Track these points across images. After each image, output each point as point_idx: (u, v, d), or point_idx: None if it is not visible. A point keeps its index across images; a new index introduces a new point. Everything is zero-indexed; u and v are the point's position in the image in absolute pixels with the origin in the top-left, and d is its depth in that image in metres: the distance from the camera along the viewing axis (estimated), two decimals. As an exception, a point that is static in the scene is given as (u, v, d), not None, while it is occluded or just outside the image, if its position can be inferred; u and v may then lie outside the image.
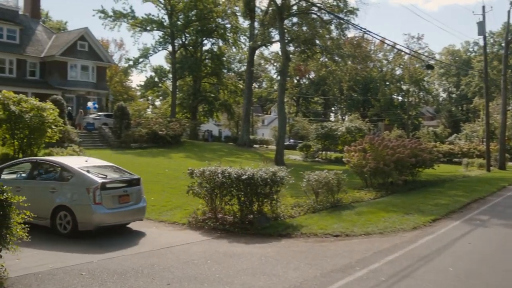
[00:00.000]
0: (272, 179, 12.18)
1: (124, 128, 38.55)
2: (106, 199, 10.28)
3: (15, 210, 7.10)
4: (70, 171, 10.65)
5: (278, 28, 37.70)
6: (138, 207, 11.08)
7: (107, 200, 10.28)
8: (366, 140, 21.61)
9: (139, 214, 11.21)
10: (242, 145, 48.86)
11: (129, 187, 11.03)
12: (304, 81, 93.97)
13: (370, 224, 12.45)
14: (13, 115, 18.64)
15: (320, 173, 15.11)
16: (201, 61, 61.19)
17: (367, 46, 71.71)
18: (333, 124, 43.65)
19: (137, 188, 11.23)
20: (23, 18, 48.72)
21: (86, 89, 47.74)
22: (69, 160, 11.94)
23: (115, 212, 10.49)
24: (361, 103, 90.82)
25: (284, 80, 38.30)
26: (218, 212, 12.43)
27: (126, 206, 10.76)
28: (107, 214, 10.29)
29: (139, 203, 11.19)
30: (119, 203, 10.60)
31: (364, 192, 18.55)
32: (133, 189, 11.07)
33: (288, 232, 11.42)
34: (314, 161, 39.70)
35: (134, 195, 11.01)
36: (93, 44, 48.68)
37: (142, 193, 11.44)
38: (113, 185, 10.73)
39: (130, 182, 11.17)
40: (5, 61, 44.15)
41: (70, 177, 10.57)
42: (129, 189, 10.99)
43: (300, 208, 14.13)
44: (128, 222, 11.38)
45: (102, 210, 10.18)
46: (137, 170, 23.51)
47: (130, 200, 10.90)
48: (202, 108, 66.60)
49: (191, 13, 57.83)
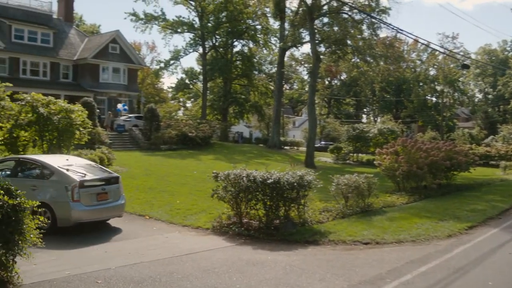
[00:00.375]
0: (299, 183, 11.74)
1: (154, 129, 38.68)
2: (84, 196, 10.68)
3: (29, 216, 6.88)
4: (50, 169, 11.09)
5: (308, 28, 37.21)
6: (116, 205, 11.48)
7: (85, 198, 10.68)
8: (398, 142, 20.90)
9: (117, 211, 11.62)
10: (272, 147, 48.50)
11: (107, 185, 11.37)
12: (335, 82, 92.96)
13: (402, 231, 11.85)
14: (42, 117, 18.71)
15: (349, 176, 14.57)
16: (231, 63, 61.12)
17: (400, 46, 70.41)
18: (364, 126, 42.78)
19: (116, 186, 11.62)
20: (57, 22, 49.53)
21: (117, 91, 48.17)
22: (50, 158, 12.22)
23: (93, 209, 10.88)
24: (394, 105, 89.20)
25: (314, 81, 37.75)
26: (243, 217, 12.06)
27: (104, 203, 11.18)
28: (85, 211, 10.68)
29: (118, 201, 11.58)
30: (97, 200, 11.01)
31: (396, 196, 17.87)
32: (111, 187, 11.45)
33: (315, 238, 10.95)
34: (345, 163, 38.96)
35: (112, 193, 11.39)
36: (124, 47, 49.09)
37: (121, 191, 11.86)
38: (91, 183, 11.09)
39: (109, 180, 11.54)
40: (39, 64, 44.92)
41: (50, 175, 11.01)
42: (108, 187, 11.35)
43: (329, 213, 13.62)
44: (108, 218, 11.79)
45: (80, 207, 10.59)
46: (165, 172, 23.54)
47: (109, 198, 11.28)
48: (232, 109, 66.54)
49: (222, 14, 57.81)
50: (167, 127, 40.58)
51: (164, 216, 12.87)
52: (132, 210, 13.43)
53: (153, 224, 12.12)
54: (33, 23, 45.69)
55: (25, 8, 46.72)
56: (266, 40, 61.74)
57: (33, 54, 44.07)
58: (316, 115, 42.38)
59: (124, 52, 48.93)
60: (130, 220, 12.46)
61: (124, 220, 12.36)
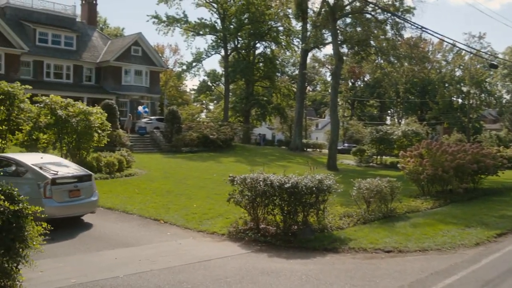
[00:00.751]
0: (318, 187, 11.28)
1: (175, 132, 38.60)
2: (57, 193, 11.02)
3: (31, 222, 6.59)
4: (24, 167, 11.46)
5: (330, 29, 36.67)
6: (88, 201, 11.86)
7: (57, 195, 11.01)
8: (422, 145, 20.21)
9: (90, 207, 12.00)
10: (294, 149, 48.03)
11: (79, 183, 11.75)
12: (359, 84, 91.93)
13: (426, 238, 11.27)
14: (60, 119, 18.65)
15: (371, 180, 14.02)
16: (253, 65, 60.87)
17: (425, 47, 69.18)
18: (388, 128, 41.93)
19: (88, 184, 12.03)
20: (80, 25, 49.96)
21: (139, 94, 48.32)
22: (25, 157, 12.52)
23: (65, 206, 11.22)
24: (419, 106, 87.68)
25: (337, 83, 37.17)
26: (260, 223, 11.66)
27: (77, 200, 11.54)
28: (57, 207, 10.98)
29: (90, 197, 11.97)
30: (69, 197, 11.38)
31: (420, 201, 17.23)
32: (83, 184, 11.83)
33: (335, 246, 10.45)
34: (368, 166, 38.27)
35: (85, 190, 11.77)
36: (147, 49, 49.23)
37: (94, 188, 12.26)
38: (64, 181, 11.44)
39: (81, 178, 11.91)
40: (63, 67, 45.33)
41: (24, 172, 11.38)
42: (80, 184, 11.73)
43: (350, 218, 13.10)
44: (81, 214, 12.10)
45: (52, 203, 10.89)
46: (184, 175, 23.30)
47: (81, 195, 11.66)
48: (255, 111, 66.25)
49: (244, 16, 57.58)
50: (189, 129, 40.47)
51: (180, 220, 12.53)
52: (147, 214, 13.14)
53: (168, 229, 11.79)
54: (56, 26, 46.15)
55: (49, 12, 47.26)
56: (289, 41, 61.31)
57: (57, 57, 44.49)
58: (338, 117, 41.79)
59: (146, 54, 49.08)
60: (144, 224, 12.16)
61: (138, 224, 12.10)
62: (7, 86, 19.84)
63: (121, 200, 14.95)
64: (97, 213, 13.09)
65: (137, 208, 13.72)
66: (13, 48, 40.28)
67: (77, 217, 12.09)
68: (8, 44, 40.02)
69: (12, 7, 44.99)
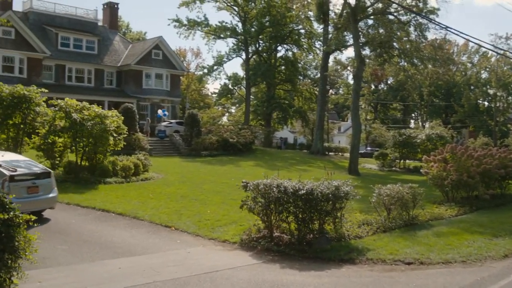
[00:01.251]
0: (334, 194, 10.72)
1: (194, 135, 38.34)
2: (15, 189, 11.10)
3: (23, 232, 6.21)
4: None
5: (352, 31, 35.98)
6: (47, 197, 12.20)
7: (15, 191, 11.00)
8: (447, 149, 19.42)
9: (48, 203, 12.36)
10: (315, 153, 47.38)
11: (37, 180, 12.12)
12: (382, 87, 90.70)
13: (450, 249, 10.58)
14: (75, 123, 18.43)
15: (392, 186, 13.37)
16: (275, 68, 60.42)
17: (450, 48, 67.74)
18: (412, 131, 40.97)
19: (47, 181, 12.39)
20: (102, 30, 50.21)
21: (160, 97, 48.28)
22: None
23: (23, 202, 10.96)
24: (443, 109, 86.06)
25: (358, 85, 36.42)
26: (274, 230, 11.15)
27: (35, 196, 11.90)
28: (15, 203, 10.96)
29: (49, 194, 12.32)
30: (28, 193, 11.71)
31: (444, 208, 16.46)
32: (42, 181, 12.20)
33: (352, 256, 9.87)
34: (391, 170, 37.39)
35: (43, 187, 12.13)
36: (167, 53, 49.19)
37: (53, 185, 12.62)
38: (22, 178, 11.80)
39: (40, 175, 12.30)
40: (84, 71, 45.55)
41: None
42: (38, 181, 12.11)
43: (369, 226, 12.46)
44: (40, 210, 12.26)
45: None
46: (201, 179, 22.89)
47: (39, 191, 12.03)
48: (276, 115, 65.74)
49: (265, 19, 57.20)
50: (208, 133, 40.20)
51: (191, 227, 12.09)
52: (159, 220, 12.73)
53: (178, 237, 11.36)
54: (78, 30, 46.47)
55: (71, 16, 47.63)
56: (310, 44, 60.73)
57: (78, 61, 44.76)
58: (360, 120, 41.03)
59: (166, 58, 49.05)
60: (154, 231, 11.75)
61: (147, 231, 11.70)
62: (23, 89, 19.74)
63: (133, 205, 14.59)
64: (107, 219, 12.80)
65: (148, 214, 13.33)
66: (35, 52, 40.62)
67: (38, 212, 12.08)
68: (31, 49, 40.36)
69: (35, 12, 45.44)
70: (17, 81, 32.88)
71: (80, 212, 13.69)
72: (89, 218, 12.91)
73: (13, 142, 20.42)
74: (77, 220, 12.54)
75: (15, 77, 37.95)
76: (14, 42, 39.35)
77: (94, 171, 20.00)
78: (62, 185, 17.86)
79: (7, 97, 19.39)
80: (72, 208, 14.26)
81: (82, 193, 16.34)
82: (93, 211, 13.82)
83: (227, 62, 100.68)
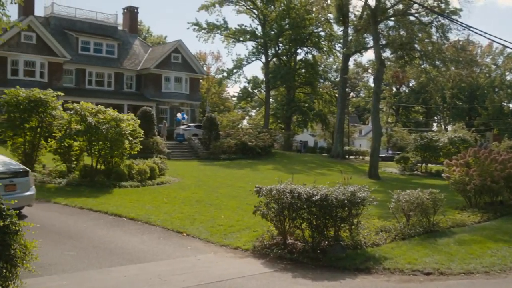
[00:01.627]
0: (350, 200, 10.33)
1: (213, 139, 38.19)
2: None
3: (20, 240, 5.98)
4: None
5: (372, 32, 35.45)
6: (24, 195, 12.38)
7: None
8: (469, 153, 18.77)
9: (26, 201, 12.51)
10: (335, 156, 46.88)
11: (15, 178, 12.38)
12: (403, 90, 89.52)
13: (472, 258, 10.08)
14: (90, 126, 18.35)
15: (411, 192, 12.89)
16: (294, 71, 60.04)
17: (473, 50, 66.48)
18: (433, 135, 40.15)
19: (25, 179, 12.67)
20: (122, 34, 50.56)
21: (179, 101, 48.37)
22: None
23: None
24: (467, 112, 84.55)
25: (378, 87, 35.83)
26: (288, 237, 10.79)
27: (13, 194, 11.92)
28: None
29: (27, 192, 12.56)
30: (5, 191, 11.82)
31: (467, 214, 15.86)
32: (19, 179, 12.47)
33: (368, 266, 9.44)
34: (412, 174, 36.68)
35: (21, 185, 12.40)
36: (186, 56, 49.27)
37: (31, 183, 12.90)
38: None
39: (17, 174, 12.59)
40: (104, 75, 45.89)
41: None
42: (16, 179, 12.37)
43: (387, 234, 11.99)
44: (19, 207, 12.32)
45: None
46: (218, 183, 22.63)
47: (17, 189, 12.28)
48: (296, 118, 65.31)
49: (284, 22, 56.89)
50: (227, 136, 40.02)
51: (203, 233, 11.80)
52: (171, 226, 12.46)
53: (189, 243, 11.07)
54: (99, 35, 46.85)
55: (91, 21, 48.10)
56: (331, 46, 60.20)
57: (98, 65, 45.12)
58: (380, 123, 40.39)
59: (186, 61, 49.12)
60: (165, 237, 11.49)
61: (158, 237, 11.45)
62: (39, 93, 19.77)
63: (147, 210, 14.37)
64: (119, 224, 12.59)
65: (161, 219, 13.09)
66: (56, 56, 41.04)
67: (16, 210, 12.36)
68: (51, 53, 40.78)
69: (56, 17, 45.96)
70: (38, 85, 32.99)
71: (93, 217, 13.52)
72: (101, 223, 12.72)
73: (30, 145, 20.45)
74: (89, 225, 12.36)
75: (36, 81, 38.37)
76: (35, 46, 39.81)
77: (110, 175, 19.92)
78: (77, 189, 17.85)
79: (24, 101, 19.43)
80: (84, 212, 14.11)
81: (96, 197, 16.21)
82: (106, 216, 13.64)
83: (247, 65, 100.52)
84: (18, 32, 38.05)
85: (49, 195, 16.31)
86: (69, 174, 19.97)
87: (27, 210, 13.13)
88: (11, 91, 19.89)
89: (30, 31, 39.25)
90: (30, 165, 20.46)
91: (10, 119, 19.77)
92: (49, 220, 12.69)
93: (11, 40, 38.37)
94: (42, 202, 15.09)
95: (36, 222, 12.16)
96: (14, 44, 38.73)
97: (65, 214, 13.63)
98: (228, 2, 57.07)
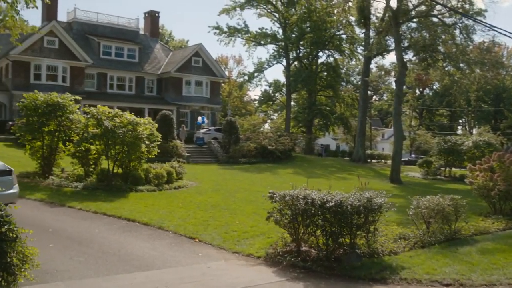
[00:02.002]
0: (366, 206, 9.97)
1: (232, 142, 38.02)
2: None
3: (18, 247, 5.81)
4: None
5: (393, 34, 34.87)
6: (7, 193, 12.60)
7: None
8: (493, 157, 18.15)
9: (9, 198, 12.52)
10: (356, 160, 46.30)
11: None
12: (427, 92, 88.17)
13: (495, 269, 9.59)
14: (107, 130, 18.31)
15: (431, 198, 12.43)
16: (316, 74, 59.58)
17: (499, 51, 64.97)
18: (458, 138, 39.27)
19: (8, 178, 13.00)
20: (143, 38, 50.88)
21: (200, 104, 48.38)
22: None
23: None
24: (492, 115, 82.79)
25: (400, 90, 35.21)
26: (302, 244, 10.48)
27: None
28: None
29: (9, 190, 12.78)
30: None
31: (490, 221, 15.28)
32: (2, 178, 12.76)
33: (384, 276, 9.05)
34: (435, 178, 35.93)
35: (3, 184, 12.56)
36: (207, 60, 49.26)
37: (13, 182, 13.19)
38: None
39: (0, 172, 12.90)
40: (125, 79, 46.20)
41: None
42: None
43: (406, 241, 11.55)
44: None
45: None
46: (236, 187, 22.40)
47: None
48: (317, 121, 64.84)
49: (305, 25, 56.53)
50: (247, 140, 39.82)
51: (216, 239, 11.55)
52: (183, 231, 12.24)
53: (201, 249, 10.83)
54: (120, 39, 47.19)
55: (113, 25, 48.50)
56: (352, 49, 59.61)
57: (120, 69, 45.45)
58: (403, 126, 39.71)
59: (206, 65, 49.12)
60: (177, 243, 11.28)
61: (170, 243, 11.23)
62: (57, 97, 19.86)
63: (160, 215, 14.19)
64: (131, 230, 12.43)
65: (174, 225, 12.88)
66: (78, 61, 41.42)
67: None
68: (73, 58, 41.17)
69: (78, 22, 46.46)
70: (60, 89, 33.52)
71: (106, 222, 13.39)
72: (114, 228, 12.57)
73: (48, 149, 20.53)
74: (101, 230, 12.22)
75: (58, 85, 38.74)
76: (57, 51, 40.25)
77: (127, 179, 19.83)
78: (93, 193, 17.77)
79: (42, 105, 19.52)
80: (98, 217, 14.00)
81: (111, 201, 16.10)
82: (119, 221, 13.50)
83: (268, 69, 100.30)
84: (41, 37, 38.56)
85: (65, 199, 16.25)
86: (87, 178, 19.95)
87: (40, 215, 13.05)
88: (30, 95, 20.03)
89: (52, 36, 39.74)
90: (48, 169, 20.61)
91: (29, 123, 19.89)
92: (62, 225, 12.61)
93: (34, 45, 38.90)
94: (56, 207, 15.06)
95: (48, 227, 12.22)
96: (37, 49, 39.23)
97: (78, 219, 13.53)
98: (249, 6, 56.98)
